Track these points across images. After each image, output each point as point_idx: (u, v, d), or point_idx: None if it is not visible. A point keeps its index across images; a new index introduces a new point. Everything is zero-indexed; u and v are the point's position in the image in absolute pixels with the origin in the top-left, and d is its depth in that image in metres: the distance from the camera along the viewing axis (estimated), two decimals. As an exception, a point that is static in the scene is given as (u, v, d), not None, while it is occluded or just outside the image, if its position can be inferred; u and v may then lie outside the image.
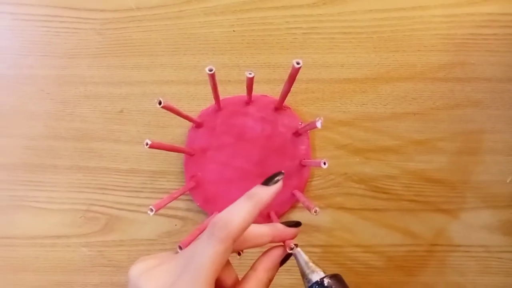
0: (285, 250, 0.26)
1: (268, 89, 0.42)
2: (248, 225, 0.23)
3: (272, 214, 0.38)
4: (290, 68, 0.29)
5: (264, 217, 0.39)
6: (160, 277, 0.22)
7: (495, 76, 0.41)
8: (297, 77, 0.30)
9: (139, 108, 0.42)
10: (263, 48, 0.42)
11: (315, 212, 0.30)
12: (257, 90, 0.41)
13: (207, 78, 0.30)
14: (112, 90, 0.42)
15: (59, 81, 0.43)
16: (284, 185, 0.38)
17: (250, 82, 0.33)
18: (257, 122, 0.39)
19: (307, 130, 0.39)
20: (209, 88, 0.33)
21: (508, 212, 0.42)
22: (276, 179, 0.25)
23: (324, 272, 0.26)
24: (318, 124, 0.30)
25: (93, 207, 0.42)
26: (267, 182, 0.25)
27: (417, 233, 0.42)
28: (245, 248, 0.26)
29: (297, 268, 0.27)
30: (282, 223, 0.28)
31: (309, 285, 0.25)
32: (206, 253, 0.21)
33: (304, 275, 0.26)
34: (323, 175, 0.42)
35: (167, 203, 0.31)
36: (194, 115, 0.39)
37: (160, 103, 0.28)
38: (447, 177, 0.42)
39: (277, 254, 0.26)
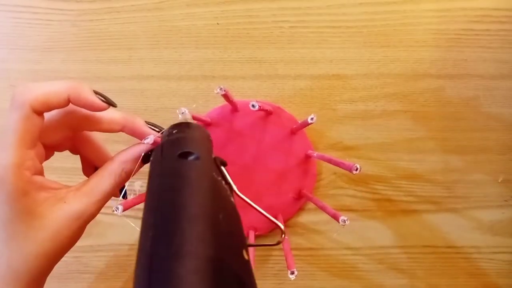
0: (147, 147, 0.26)
1: (254, 85, 0.40)
2: (54, 99, 0.22)
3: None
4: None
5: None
6: None
7: (488, 73, 0.40)
8: (284, 72, 0.28)
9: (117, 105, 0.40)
10: (249, 42, 0.40)
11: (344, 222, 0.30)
12: (243, 86, 0.40)
13: (190, 73, 0.28)
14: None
15: (32, 76, 0.40)
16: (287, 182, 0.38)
17: (225, 97, 0.32)
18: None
19: (302, 128, 0.37)
20: (192, 84, 0.31)
21: (500, 212, 0.41)
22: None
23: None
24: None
25: (68, 210, 0.40)
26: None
27: (407, 234, 0.41)
28: (93, 130, 0.26)
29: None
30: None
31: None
32: (9, 120, 0.22)
33: None
34: (311, 175, 0.40)
35: (139, 203, 0.29)
36: (176, 112, 0.37)
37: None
38: (438, 176, 0.41)
39: (137, 148, 0.26)
